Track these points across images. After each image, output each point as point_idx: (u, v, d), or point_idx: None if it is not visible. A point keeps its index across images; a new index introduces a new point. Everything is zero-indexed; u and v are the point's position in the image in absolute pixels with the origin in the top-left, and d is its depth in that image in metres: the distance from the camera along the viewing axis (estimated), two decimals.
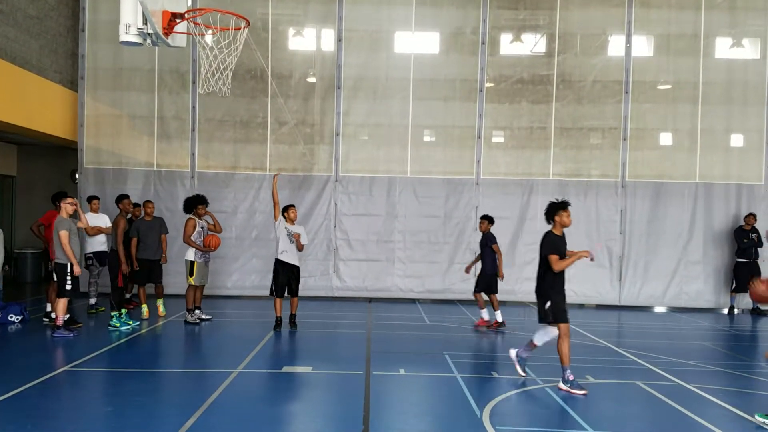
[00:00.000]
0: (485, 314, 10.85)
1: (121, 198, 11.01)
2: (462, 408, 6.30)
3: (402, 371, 7.69)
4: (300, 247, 10.15)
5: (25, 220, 15.53)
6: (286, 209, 10.30)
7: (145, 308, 10.85)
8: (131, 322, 10.03)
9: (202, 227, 10.53)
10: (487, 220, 10.93)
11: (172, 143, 13.89)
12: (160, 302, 11.12)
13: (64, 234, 9.12)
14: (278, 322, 10.14)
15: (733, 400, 6.83)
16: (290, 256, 10.13)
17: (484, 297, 10.85)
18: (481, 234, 11.06)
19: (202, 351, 9.20)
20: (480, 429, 5.70)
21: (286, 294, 10.23)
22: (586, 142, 14.12)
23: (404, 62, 13.98)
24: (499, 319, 10.71)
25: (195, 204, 10.58)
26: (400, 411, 6.27)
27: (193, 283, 10.43)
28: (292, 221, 10.28)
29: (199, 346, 9.43)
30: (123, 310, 10.06)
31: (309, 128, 14.03)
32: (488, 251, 10.71)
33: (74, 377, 7.22)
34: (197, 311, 10.59)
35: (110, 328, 9.85)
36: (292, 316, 10.34)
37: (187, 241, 10.35)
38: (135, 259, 10.70)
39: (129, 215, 11.11)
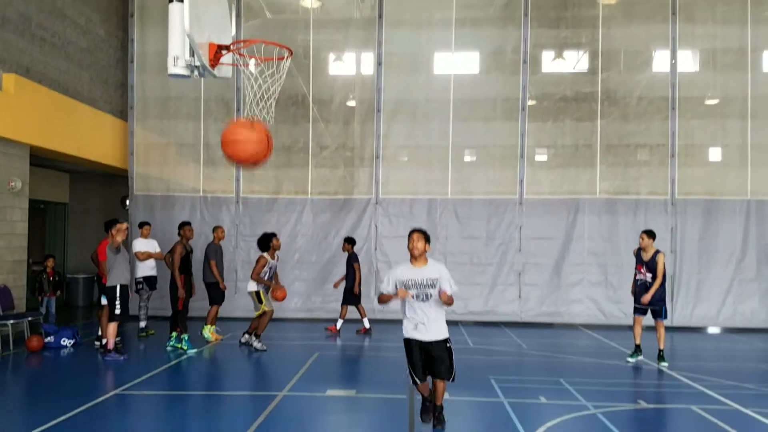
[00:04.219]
0: (366, 322, 12.26)
1: (183, 225, 10.80)
2: None
3: (446, 396, 7.56)
4: (447, 301, 6.03)
5: (77, 246, 16.01)
6: (409, 236, 6.30)
7: (206, 329, 11.00)
8: (180, 345, 10.17)
9: (270, 267, 10.32)
10: (348, 242, 12.15)
11: (217, 169, 14.17)
12: (213, 328, 11.17)
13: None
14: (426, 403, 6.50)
15: None
16: (425, 328, 6.11)
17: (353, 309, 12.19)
18: (347, 254, 12.15)
19: (247, 374, 9.25)
20: None
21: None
22: (633, 159, 13.86)
23: (444, 83, 14.01)
24: (367, 325, 12.25)
25: (270, 239, 10.32)
26: None
27: (266, 309, 10.24)
28: (416, 259, 6.19)
29: (245, 370, 9.49)
30: (173, 333, 10.21)
31: (349, 152, 14.15)
32: (351, 270, 12.01)
33: (124, 401, 7.34)
34: (246, 336, 10.56)
35: (179, 350, 10.07)
36: (437, 408, 6.38)
37: (256, 277, 10.12)
38: (220, 279, 10.89)
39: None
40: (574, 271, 13.55)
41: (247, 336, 10.53)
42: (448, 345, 6.16)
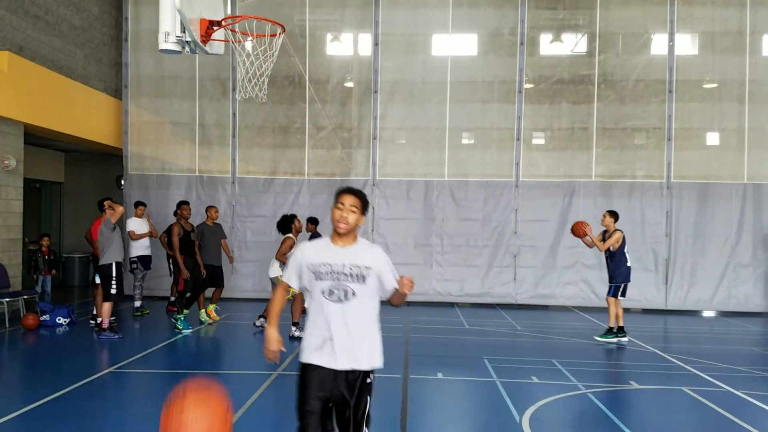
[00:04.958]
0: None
1: (181, 204, 10.76)
2: (501, 413, 6.20)
3: (440, 375, 7.63)
4: (397, 301, 3.82)
5: (72, 226, 15.98)
6: (336, 197, 3.71)
7: (203, 313, 10.90)
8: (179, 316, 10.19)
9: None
10: (311, 222, 11.33)
11: (213, 149, 14.12)
12: (212, 307, 11.09)
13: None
14: None
15: None
16: (336, 349, 3.64)
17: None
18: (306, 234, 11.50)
19: (242, 353, 9.29)
20: None
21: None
22: (629, 143, 13.83)
23: (441, 65, 13.93)
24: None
25: (291, 222, 10.00)
26: (437, 415, 6.22)
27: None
28: (341, 236, 3.67)
29: (240, 349, 9.53)
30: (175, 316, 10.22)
31: (346, 132, 14.10)
32: None
33: (119, 378, 7.37)
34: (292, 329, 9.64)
35: (176, 330, 10.05)
36: None
37: (281, 258, 9.77)
38: (201, 263, 10.42)
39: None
40: (568, 253, 13.57)
41: (295, 329, 9.57)
42: (368, 381, 3.80)
